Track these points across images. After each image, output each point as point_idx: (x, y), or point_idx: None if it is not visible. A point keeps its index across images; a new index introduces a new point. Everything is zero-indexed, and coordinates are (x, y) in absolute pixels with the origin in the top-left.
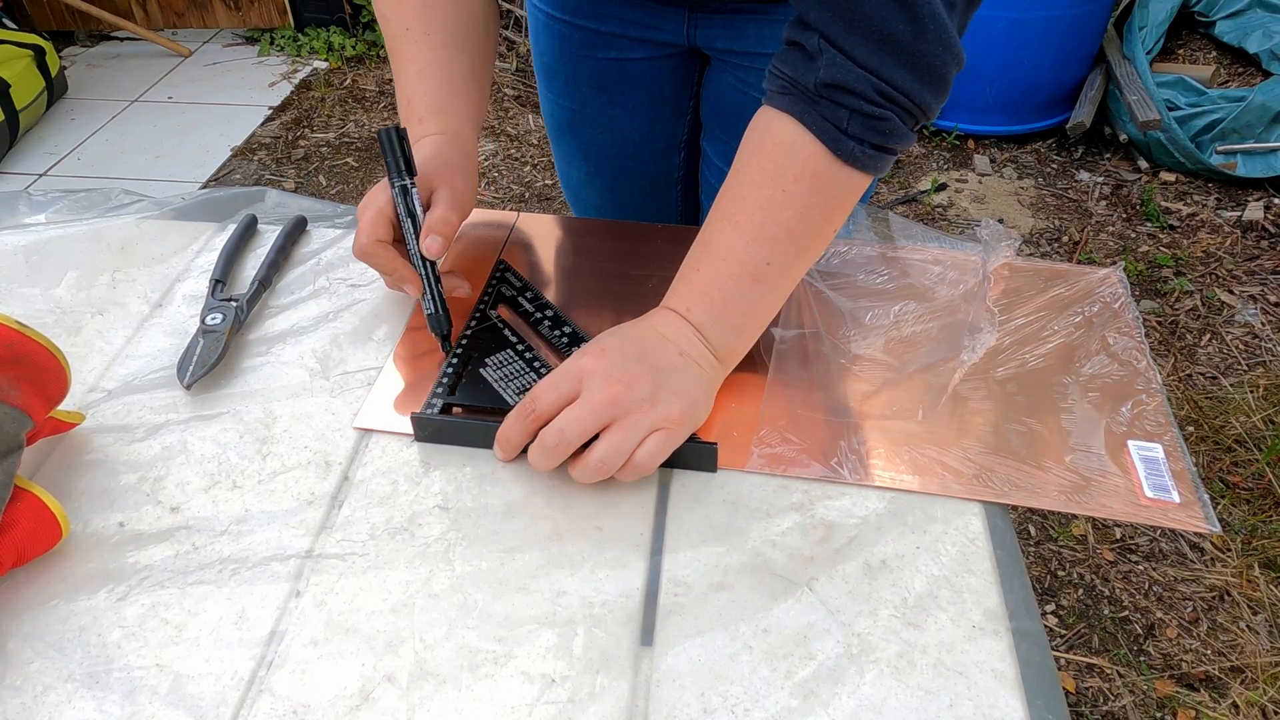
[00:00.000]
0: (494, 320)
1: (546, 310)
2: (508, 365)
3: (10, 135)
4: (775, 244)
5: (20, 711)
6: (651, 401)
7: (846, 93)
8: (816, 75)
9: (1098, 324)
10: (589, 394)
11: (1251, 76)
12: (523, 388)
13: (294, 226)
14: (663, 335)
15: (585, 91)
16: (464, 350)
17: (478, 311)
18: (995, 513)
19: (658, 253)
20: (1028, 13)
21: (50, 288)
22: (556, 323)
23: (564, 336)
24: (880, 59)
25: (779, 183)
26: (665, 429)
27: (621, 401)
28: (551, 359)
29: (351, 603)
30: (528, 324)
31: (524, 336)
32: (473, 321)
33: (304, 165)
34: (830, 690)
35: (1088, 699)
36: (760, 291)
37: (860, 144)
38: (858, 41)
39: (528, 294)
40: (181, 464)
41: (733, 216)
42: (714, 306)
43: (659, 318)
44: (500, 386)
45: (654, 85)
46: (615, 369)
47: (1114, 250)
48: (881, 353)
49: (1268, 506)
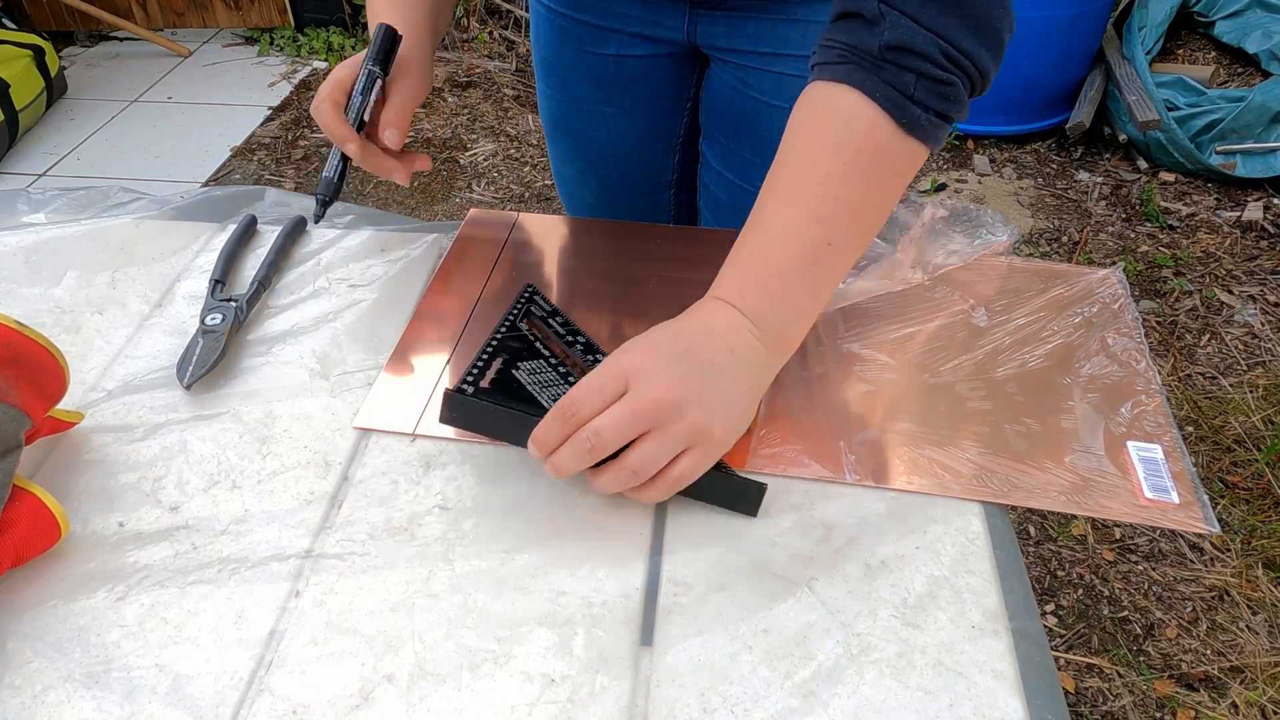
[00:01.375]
0: (524, 331)
1: (578, 336)
2: (541, 373)
3: (10, 135)
4: (837, 223)
5: (20, 711)
6: (697, 408)
7: (914, 54)
8: (881, 38)
9: (1097, 324)
10: (634, 396)
11: (1251, 76)
12: (556, 396)
13: (294, 226)
14: (711, 330)
15: (582, 88)
16: (495, 348)
17: (507, 322)
18: (995, 513)
19: (658, 253)
20: (1027, 13)
21: (50, 287)
22: (589, 349)
23: (597, 361)
24: (945, 21)
25: (840, 156)
26: (701, 447)
27: (664, 408)
28: None
29: (351, 602)
30: (560, 342)
31: (555, 352)
32: (503, 328)
33: (304, 165)
34: (830, 690)
35: (1087, 699)
36: (821, 275)
37: (926, 111)
38: (921, 3)
39: (558, 318)
40: (181, 464)
41: (789, 194)
42: (771, 293)
43: (709, 310)
44: (535, 390)
45: (651, 84)
46: (661, 370)
47: (1113, 250)
48: (881, 353)
49: (1267, 506)
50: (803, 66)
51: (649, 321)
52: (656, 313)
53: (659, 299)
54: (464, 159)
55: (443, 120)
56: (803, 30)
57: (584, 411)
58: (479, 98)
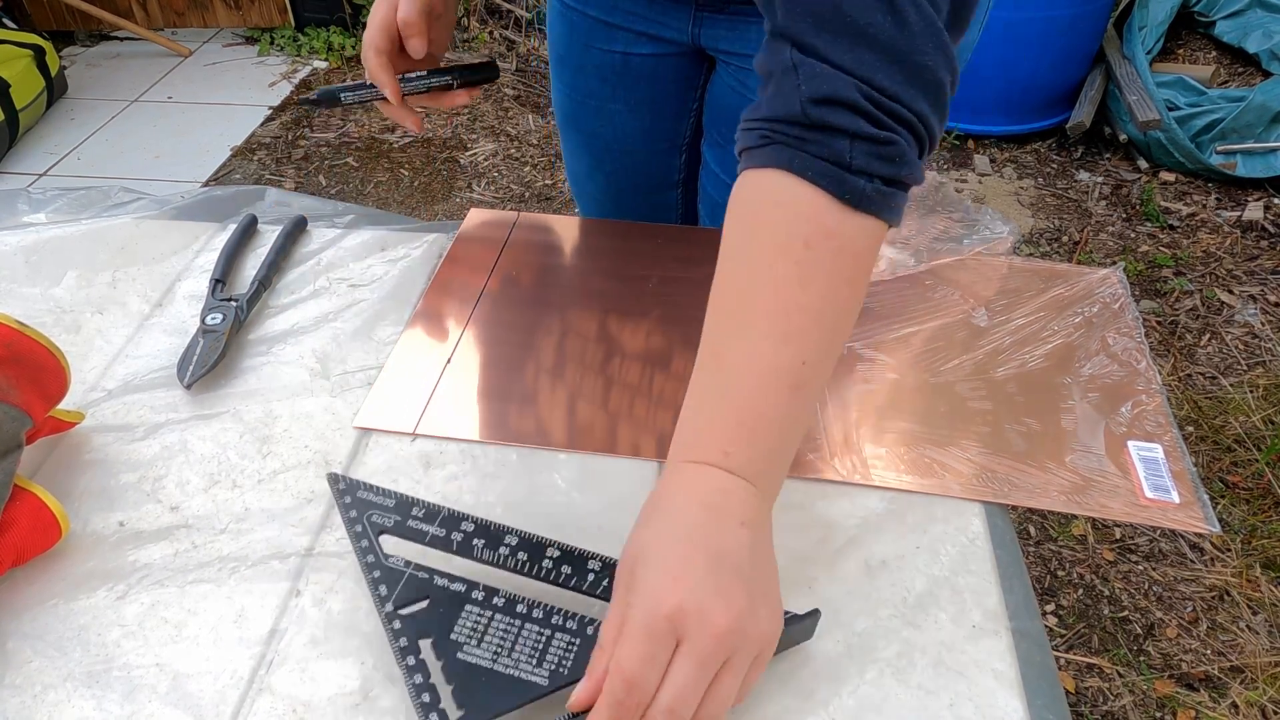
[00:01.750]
0: (409, 572)
1: (502, 538)
2: (485, 629)
3: (10, 135)
4: (805, 336)
5: (20, 710)
6: (752, 618)
7: (839, 107)
8: (800, 94)
9: (1097, 324)
10: (694, 645)
11: (1251, 76)
12: (535, 647)
13: (294, 226)
14: (718, 509)
15: (591, 82)
16: (406, 628)
17: (375, 573)
18: (995, 513)
19: (658, 253)
20: (1028, 13)
21: (50, 287)
22: (527, 545)
23: (518, 552)
24: (865, 60)
25: (788, 256)
26: (762, 653)
27: (729, 639)
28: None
29: (351, 602)
30: (456, 554)
31: (463, 576)
32: (400, 605)
33: (304, 165)
34: (830, 690)
35: (1087, 699)
36: (801, 401)
37: (870, 179)
38: (830, 39)
39: (446, 525)
40: (181, 463)
41: (742, 316)
42: (757, 440)
43: (695, 482)
44: (505, 666)
45: (656, 83)
46: (705, 595)
47: (1114, 250)
48: (881, 352)
49: (1267, 506)
50: None
51: (649, 321)
52: (656, 312)
53: (659, 298)
54: (464, 159)
55: (443, 120)
56: None
57: (647, 687)
58: (479, 97)
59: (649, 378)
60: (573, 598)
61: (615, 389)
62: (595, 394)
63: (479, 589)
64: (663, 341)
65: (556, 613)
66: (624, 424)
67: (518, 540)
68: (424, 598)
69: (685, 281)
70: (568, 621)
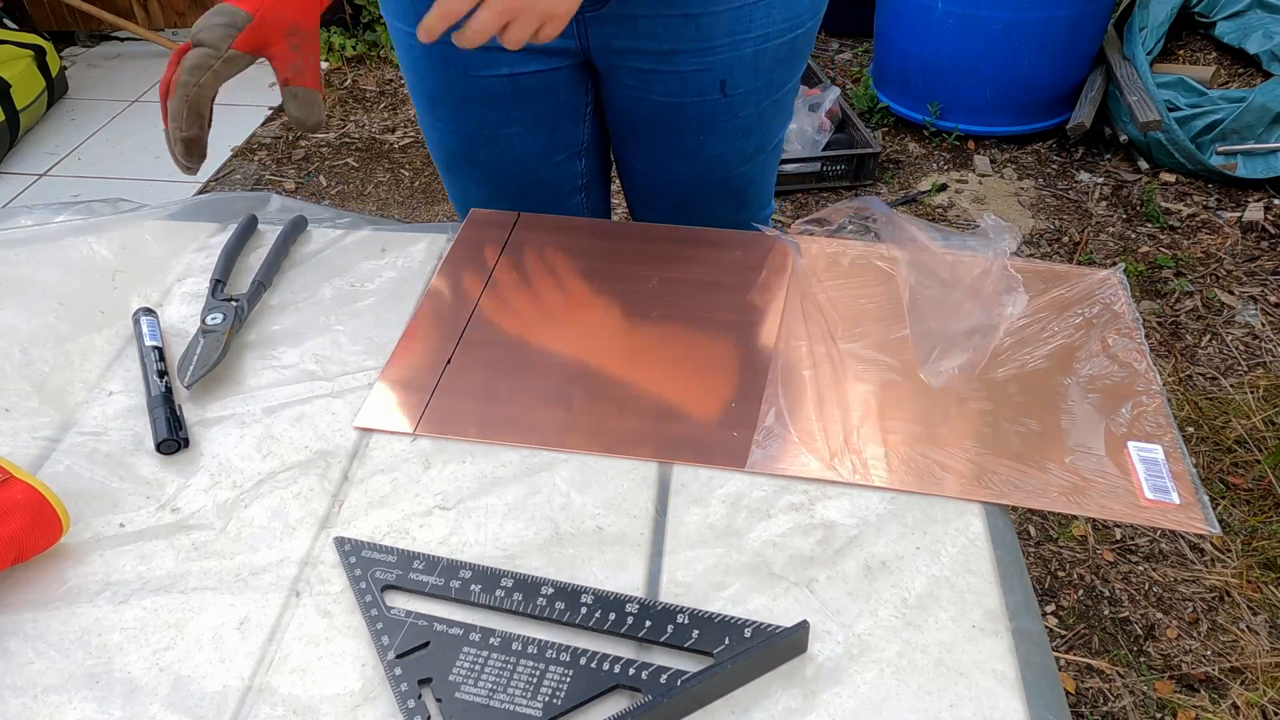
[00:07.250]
0: (409, 621)
1: (498, 582)
2: (482, 668)
3: (10, 135)
4: None
5: (21, 712)
6: None
7: None
8: None
9: (1098, 325)
10: None
11: (1252, 77)
12: (530, 681)
13: (294, 227)
14: None
15: (479, 113)
16: (407, 673)
17: (383, 638)
18: (995, 513)
19: (658, 253)
20: (1028, 13)
21: (51, 287)
22: (489, 583)
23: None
24: None
25: None
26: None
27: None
28: (523, 625)
29: (351, 602)
30: (454, 600)
31: (461, 620)
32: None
33: (304, 165)
34: (830, 690)
35: (1088, 700)
36: None
37: None
38: None
39: (438, 569)
40: (182, 464)
41: None
42: None
43: None
44: (501, 701)
45: (549, 97)
46: None
47: (1114, 251)
48: (881, 353)
49: (1268, 507)
50: (701, 61)
51: (649, 321)
52: (657, 312)
53: (659, 298)
54: None
55: None
56: (695, 24)
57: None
58: None
59: (649, 378)
60: (565, 631)
61: (615, 389)
62: (595, 394)
63: (475, 630)
64: (663, 341)
65: (550, 647)
66: (624, 424)
67: (513, 582)
68: (424, 643)
69: (685, 281)
70: (561, 654)
